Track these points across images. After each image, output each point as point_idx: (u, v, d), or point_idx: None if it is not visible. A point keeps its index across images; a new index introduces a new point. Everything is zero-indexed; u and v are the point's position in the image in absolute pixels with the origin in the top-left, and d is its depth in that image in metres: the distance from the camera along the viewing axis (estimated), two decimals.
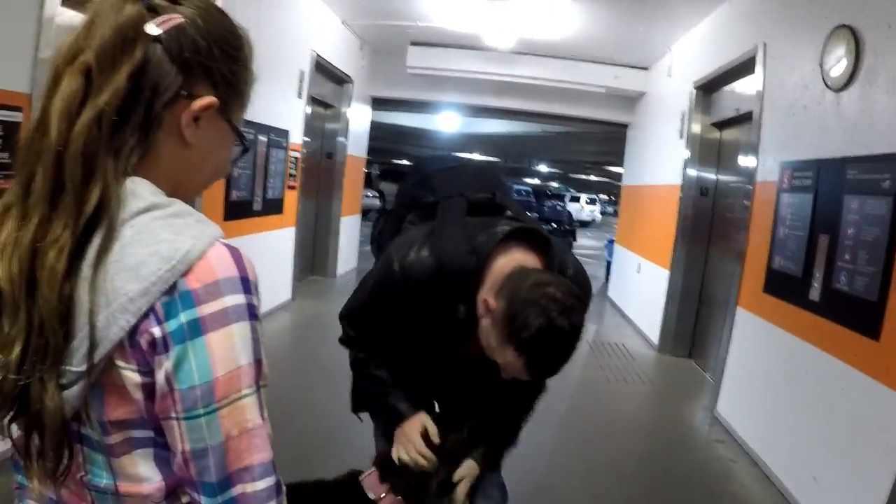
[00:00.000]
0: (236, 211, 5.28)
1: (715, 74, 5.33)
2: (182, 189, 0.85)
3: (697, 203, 5.86)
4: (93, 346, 0.71)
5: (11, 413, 0.75)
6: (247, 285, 0.76)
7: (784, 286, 3.66)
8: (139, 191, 0.77)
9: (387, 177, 22.10)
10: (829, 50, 3.36)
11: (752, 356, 4.03)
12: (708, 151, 5.86)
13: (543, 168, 35.22)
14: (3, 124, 2.90)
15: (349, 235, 9.14)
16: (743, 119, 4.89)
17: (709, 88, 5.75)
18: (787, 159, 3.79)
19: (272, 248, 6.25)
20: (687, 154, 5.94)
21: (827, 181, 3.30)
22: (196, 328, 0.72)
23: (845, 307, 3.00)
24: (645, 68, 7.99)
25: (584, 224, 28.41)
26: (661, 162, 7.02)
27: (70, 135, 0.74)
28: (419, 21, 7.09)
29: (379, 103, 9.57)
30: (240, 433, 0.74)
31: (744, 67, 4.71)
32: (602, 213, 30.00)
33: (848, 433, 2.89)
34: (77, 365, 0.72)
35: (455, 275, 1.56)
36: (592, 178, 33.36)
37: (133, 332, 0.71)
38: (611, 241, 9.75)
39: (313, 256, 8.41)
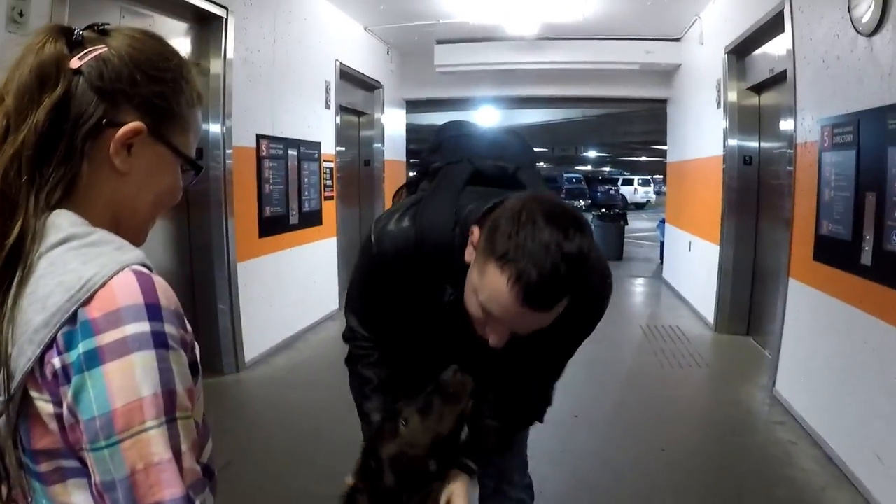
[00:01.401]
0: (271, 227, 5.28)
1: (745, 36, 5.07)
2: (126, 220, 0.86)
3: (742, 173, 5.60)
4: (8, 377, 0.72)
5: None
6: (154, 312, 0.73)
7: (834, 252, 3.44)
8: (59, 222, 0.77)
9: None
10: None
11: (808, 329, 3.80)
12: (747, 118, 5.59)
13: (592, 154, 34.66)
14: None
15: None
16: (779, 80, 4.63)
17: (741, 52, 5.49)
18: (825, 115, 3.56)
19: (313, 260, 6.24)
20: (725, 123, 5.68)
21: (868, 134, 3.08)
22: (94, 358, 0.69)
23: None
24: (677, 39, 7.69)
25: (640, 206, 27.94)
26: (701, 134, 6.75)
27: None
28: (441, 19, 6.99)
29: (413, 105, 9.53)
30: (146, 467, 0.70)
31: (773, 25, 4.46)
32: (657, 193, 29.37)
33: None
34: (1, 395, 0.72)
35: (436, 250, 1.37)
36: (643, 158, 32.69)
37: (41, 362, 0.71)
38: (662, 221, 9.49)
39: None
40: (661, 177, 33.21)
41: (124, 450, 0.69)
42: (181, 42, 4.32)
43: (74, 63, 0.80)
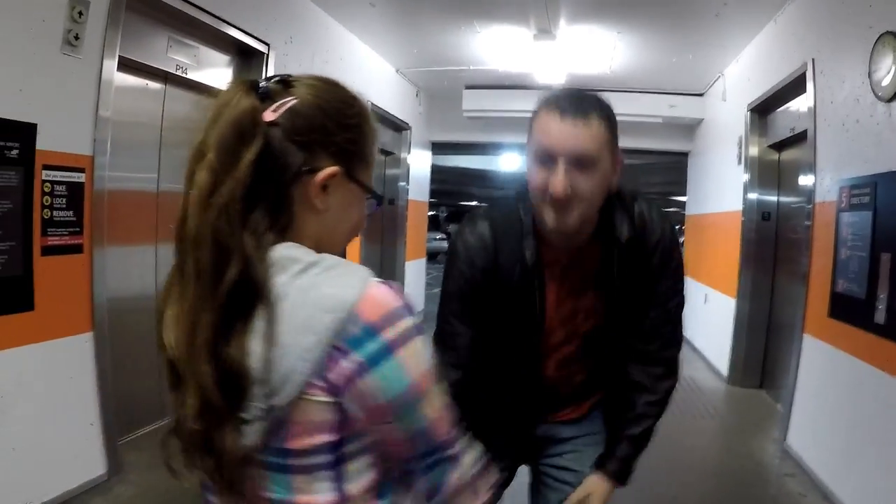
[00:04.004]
0: None
1: (768, 95, 5.21)
2: (326, 250, 0.95)
3: (760, 228, 5.68)
4: (273, 391, 0.83)
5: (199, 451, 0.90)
6: (409, 310, 0.89)
7: (848, 309, 3.50)
8: (295, 254, 0.88)
9: (454, 219, 22.27)
10: (876, 59, 3.25)
11: (821, 384, 3.85)
12: (767, 174, 5.70)
13: None
14: (67, 185, 3.09)
15: (415, 279, 9.21)
16: (799, 139, 4.75)
17: (763, 110, 5.62)
18: (844, 177, 3.66)
19: None
20: (746, 178, 5.79)
21: (885, 196, 3.17)
22: (386, 351, 0.85)
23: None
24: (700, 95, 7.88)
25: None
26: (721, 188, 6.86)
27: (203, 226, 0.86)
28: (472, 65, 7.20)
29: (438, 148, 9.71)
30: (438, 416, 0.91)
31: (795, 86, 4.59)
32: None
33: None
34: (260, 404, 0.84)
35: (507, 222, 1.55)
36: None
37: (319, 371, 0.83)
38: None
39: None
40: (678, 227, 33.21)
41: (423, 408, 0.89)
42: (223, 73, 4.52)
43: (268, 116, 0.90)
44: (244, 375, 0.84)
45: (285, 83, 0.94)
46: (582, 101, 1.40)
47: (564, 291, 1.58)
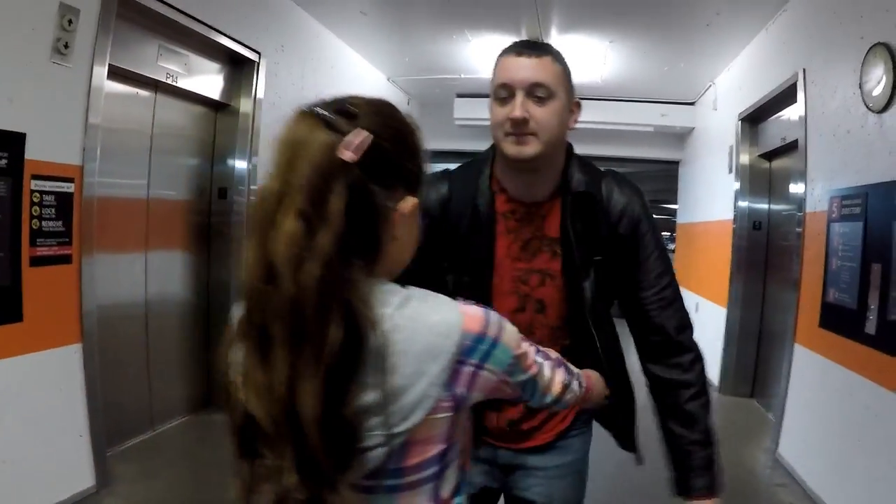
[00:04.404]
0: None
1: (759, 105, 5.22)
2: (395, 273, 1.01)
3: (751, 236, 5.69)
4: (401, 419, 0.89)
5: None
6: (493, 311, 1.01)
7: (839, 320, 3.51)
8: (390, 287, 0.95)
9: None
10: (867, 70, 3.27)
11: (812, 394, 3.85)
12: (758, 183, 5.71)
13: None
14: (56, 195, 3.07)
15: None
16: (790, 148, 4.77)
17: (754, 119, 5.63)
18: (834, 187, 3.67)
19: None
20: (736, 186, 5.81)
21: (875, 207, 3.18)
22: (495, 343, 0.98)
23: None
24: (691, 103, 7.91)
25: None
26: (712, 197, 6.88)
27: (301, 286, 0.83)
28: (463, 74, 7.20)
29: (430, 156, 9.67)
30: (531, 363, 1.10)
31: (786, 95, 4.60)
32: None
33: None
34: (381, 431, 0.88)
35: (468, 168, 1.61)
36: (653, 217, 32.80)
37: (448, 389, 0.93)
38: None
39: None
40: (668, 234, 33.18)
41: (524, 366, 1.08)
42: (214, 81, 4.51)
43: (346, 155, 0.86)
44: (359, 430, 0.86)
45: (348, 114, 0.91)
46: (536, 43, 1.49)
47: (517, 247, 1.55)
